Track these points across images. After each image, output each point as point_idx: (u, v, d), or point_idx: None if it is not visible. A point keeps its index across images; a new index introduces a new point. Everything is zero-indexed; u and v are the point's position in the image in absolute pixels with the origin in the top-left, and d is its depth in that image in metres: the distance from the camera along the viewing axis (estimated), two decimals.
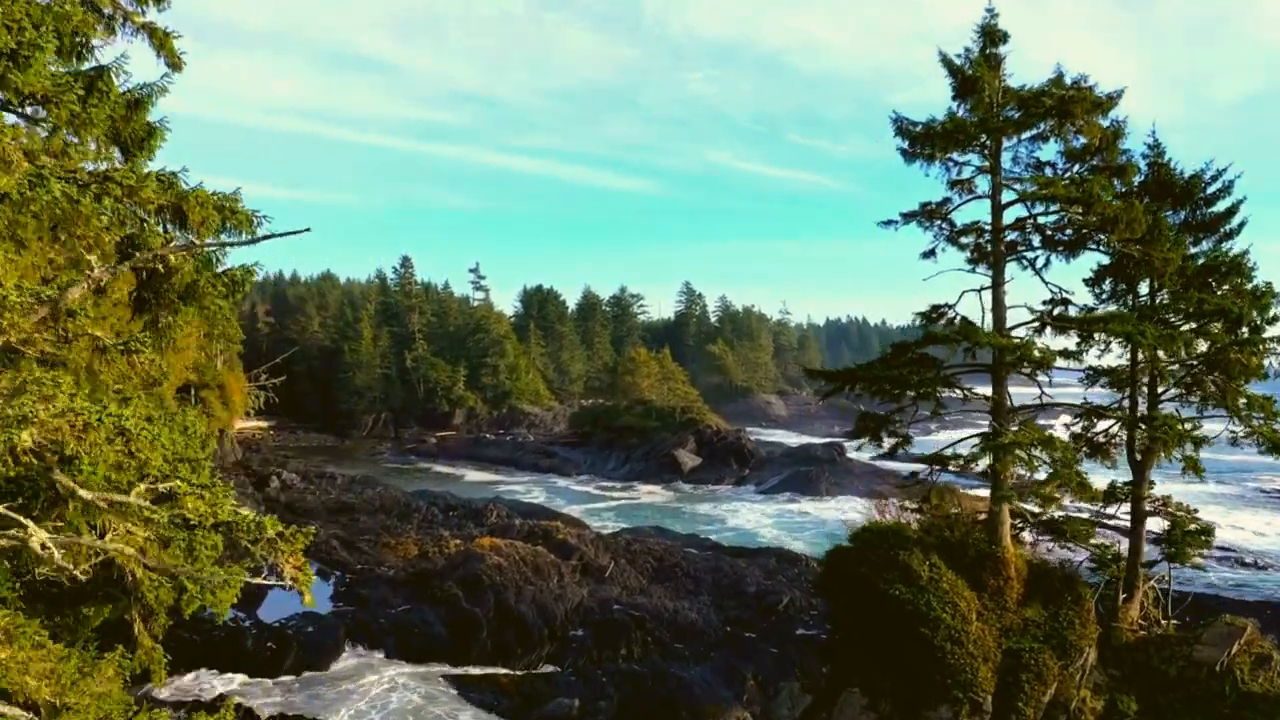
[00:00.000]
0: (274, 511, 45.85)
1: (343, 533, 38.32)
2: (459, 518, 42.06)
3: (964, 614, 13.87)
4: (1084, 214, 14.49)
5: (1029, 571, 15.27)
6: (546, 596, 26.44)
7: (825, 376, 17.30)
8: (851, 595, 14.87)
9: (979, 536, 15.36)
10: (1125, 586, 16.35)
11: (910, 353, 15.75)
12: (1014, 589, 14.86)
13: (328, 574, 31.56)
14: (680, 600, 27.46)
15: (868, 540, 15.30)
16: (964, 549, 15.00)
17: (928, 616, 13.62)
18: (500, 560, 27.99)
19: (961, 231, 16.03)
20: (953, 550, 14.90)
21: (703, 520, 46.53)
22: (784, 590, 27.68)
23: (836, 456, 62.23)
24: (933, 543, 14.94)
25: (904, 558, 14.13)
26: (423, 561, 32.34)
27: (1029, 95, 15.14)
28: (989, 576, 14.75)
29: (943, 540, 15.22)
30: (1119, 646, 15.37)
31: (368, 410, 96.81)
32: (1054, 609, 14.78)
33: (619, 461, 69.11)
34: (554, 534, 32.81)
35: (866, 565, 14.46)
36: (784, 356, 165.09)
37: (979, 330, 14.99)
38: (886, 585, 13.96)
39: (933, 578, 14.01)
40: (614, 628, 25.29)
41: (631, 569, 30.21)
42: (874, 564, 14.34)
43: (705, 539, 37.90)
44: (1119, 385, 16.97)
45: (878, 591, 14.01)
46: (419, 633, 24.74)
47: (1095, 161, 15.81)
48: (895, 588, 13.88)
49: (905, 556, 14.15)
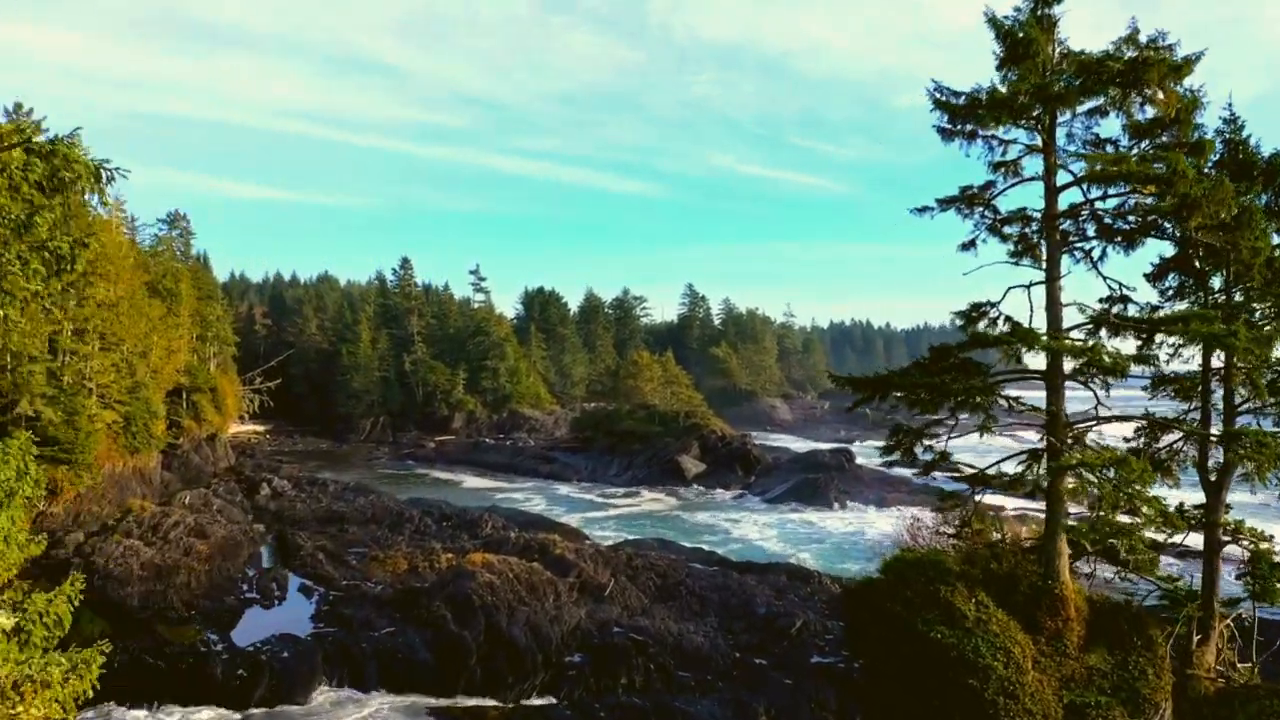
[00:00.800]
0: (262, 521, 44.28)
1: (330, 544, 36.56)
2: (453, 528, 40.26)
3: (1018, 662, 12.02)
4: (1160, 196, 12.62)
5: (1090, 610, 13.37)
6: (541, 618, 24.58)
7: (854, 384, 15.32)
8: (883, 636, 12.99)
9: (1031, 569, 13.47)
10: (1200, 626, 14.36)
11: (952, 357, 13.86)
12: (1074, 631, 12.99)
13: (311, 591, 29.81)
14: (685, 622, 25.59)
15: (901, 572, 13.40)
16: (1014, 584, 13.12)
17: (976, 665, 11.77)
18: (492, 578, 26.16)
19: (1006, 219, 14.17)
20: (1001, 585, 13.03)
21: (707, 531, 44.66)
22: (796, 612, 25.78)
23: (845, 463, 60.29)
24: (977, 576, 13.07)
25: (945, 594, 12.29)
26: (412, 577, 30.57)
27: (1091, 60, 13.25)
28: (1045, 617, 12.87)
29: (989, 573, 13.34)
30: (1197, 699, 13.42)
31: (366, 414, 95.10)
32: (1121, 655, 12.88)
33: (621, 467, 67.26)
34: (551, 548, 30.96)
35: (901, 602, 12.59)
36: (788, 360, 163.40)
37: (1035, 333, 13.10)
38: (926, 627, 12.11)
39: (980, 618, 12.17)
40: (614, 653, 23.43)
41: (633, 587, 28.35)
42: (909, 600, 12.49)
43: (711, 553, 36.04)
44: (1185, 394, 15.05)
45: (915, 634, 12.16)
46: (403, 659, 22.91)
47: (1165, 138, 13.93)
48: (936, 630, 12.03)
49: (947, 592, 12.30)
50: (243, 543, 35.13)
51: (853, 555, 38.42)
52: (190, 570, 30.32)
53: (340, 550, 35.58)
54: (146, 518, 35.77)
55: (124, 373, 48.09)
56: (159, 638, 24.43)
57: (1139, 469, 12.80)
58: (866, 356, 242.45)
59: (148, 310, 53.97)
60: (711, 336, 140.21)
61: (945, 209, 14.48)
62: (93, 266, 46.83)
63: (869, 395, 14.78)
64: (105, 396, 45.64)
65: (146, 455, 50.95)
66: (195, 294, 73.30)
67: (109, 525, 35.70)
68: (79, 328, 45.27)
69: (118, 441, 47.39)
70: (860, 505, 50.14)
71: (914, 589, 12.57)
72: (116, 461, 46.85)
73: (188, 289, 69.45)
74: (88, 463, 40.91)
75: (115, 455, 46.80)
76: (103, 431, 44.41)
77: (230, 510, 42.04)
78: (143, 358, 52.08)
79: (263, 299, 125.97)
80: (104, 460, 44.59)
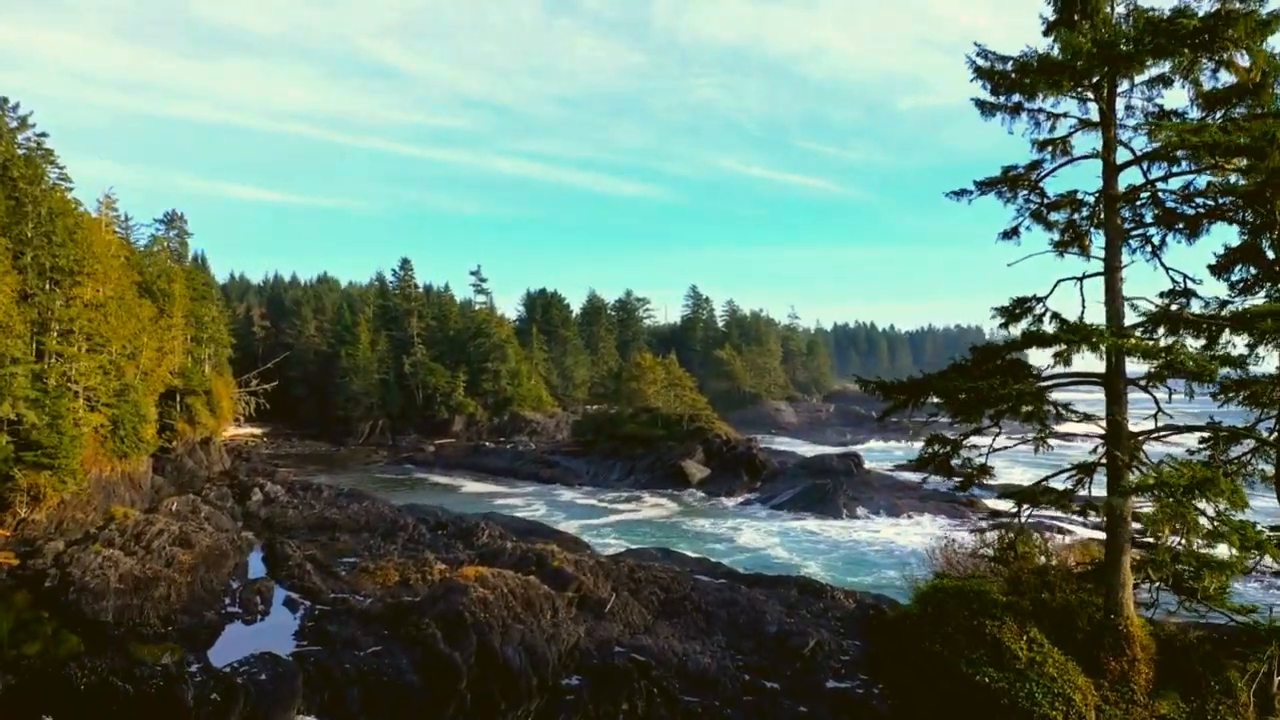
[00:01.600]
0: (252, 528, 42.84)
1: (320, 554, 35.18)
2: (448, 537, 38.80)
3: (1080, 711, 10.49)
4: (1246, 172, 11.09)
5: (1157, 648, 11.78)
6: (537, 637, 23.07)
7: (885, 389, 13.61)
8: (918, 677, 11.42)
9: (1089, 599, 11.88)
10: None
11: (1000, 358, 12.27)
12: (1141, 674, 11.43)
13: (296, 605, 28.34)
14: (691, 641, 24.06)
15: (940, 603, 11.83)
16: (1070, 618, 11.57)
17: (1031, 714, 10.23)
18: (486, 593, 24.68)
19: (1054, 204, 12.59)
20: (1056, 619, 11.49)
21: (712, 539, 43.14)
22: (809, 630, 24.21)
23: (854, 468, 58.70)
24: (1027, 608, 11.53)
25: (992, 629, 10.77)
26: (403, 590, 29.12)
27: (1160, 18, 11.68)
28: (1109, 657, 11.32)
29: (1040, 604, 11.78)
30: None
31: (364, 417, 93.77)
32: (1197, 702, 11.34)
33: (623, 472, 65.77)
34: (549, 559, 29.45)
35: (940, 639, 11.05)
36: (792, 362, 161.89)
37: (1101, 331, 11.52)
38: (972, 669, 10.58)
39: (1034, 659, 10.65)
40: (614, 676, 21.89)
41: (635, 602, 26.83)
42: (950, 637, 10.95)
43: (717, 564, 34.52)
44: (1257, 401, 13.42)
45: (957, 675, 10.63)
46: (389, 682, 21.41)
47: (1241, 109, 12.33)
48: (983, 672, 10.51)
49: (994, 628, 10.78)
50: (229, 552, 33.67)
51: (865, 565, 36.89)
52: (171, 582, 28.84)
53: (330, 560, 34.17)
54: (129, 526, 34.28)
55: (112, 375, 46.72)
56: (131, 657, 22.96)
57: (1227, 489, 11.15)
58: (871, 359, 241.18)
59: (138, 311, 52.60)
60: (715, 339, 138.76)
61: (985, 192, 12.90)
62: (79, 266, 45.56)
63: (902, 402, 13.15)
64: (92, 399, 44.30)
65: (136, 460, 49.56)
66: (189, 294, 71.93)
67: (91, 534, 34.25)
68: (65, 329, 43.95)
69: (105, 446, 46.02)
70: (870, 512, 48.58)
71: (955, 622, 11.00)
72: (104, 466, 45.47)
73: (181, 289, 68.10)
74: (72, 468, 39.54)
75: (102, 460, 45.44)
76: (89, 435, 43.04)
77: (219, 517, 40.59)
78: (132, 359, 50.71)
79: (262, 300, 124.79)
80: (90, 465, 43.21)
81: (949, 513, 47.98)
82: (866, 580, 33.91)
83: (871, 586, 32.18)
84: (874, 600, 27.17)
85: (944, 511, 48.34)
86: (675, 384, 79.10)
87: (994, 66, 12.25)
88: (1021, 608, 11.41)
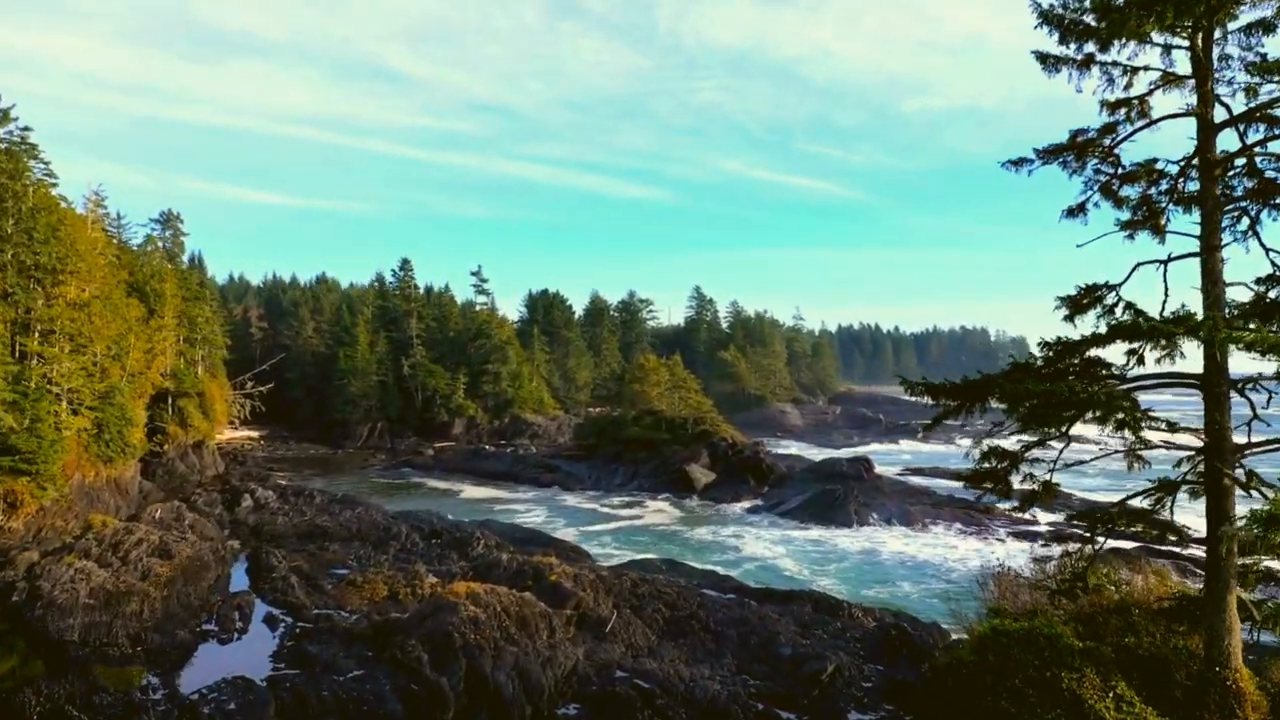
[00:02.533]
0: (239, 536, 40.99)
1: (307, 565, 33.41)
2: (442, 546, 37.02)
3: None
4: None
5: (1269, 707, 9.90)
6: (531, 660, 21.25)
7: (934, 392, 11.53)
8: None
9: (1184, 646, 10.01)
10: None
11: (1078, 355, 10.39)
12: None
13: (277, 622, 26.56)
14: (698, 665, 22.23)
15: (1003, 648, 9.96)
16: (1163, 669, 9.69)
17: None
18: (477, 611, 22.88)
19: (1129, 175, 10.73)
20: (1145, 671, 9.64)
21: (718, 548, 41.29)
22: (827, 653, 22.38)
23: (864, 473, 56.77)
24: (1109, 656, 9.69)
25: (1069, 683, 8.94)
26: (391, 606, 27.35)
27: None
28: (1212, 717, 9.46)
29: (1124, 651, 9.93)
30: None
31: (363, 419, 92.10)
32: None
33: (626, 476, 63.94)
34: (546, 573, 27.62)
35: (1004, 692, 9.21)
36: (797, 363, 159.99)
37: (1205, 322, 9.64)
38: None
39: None
40: (615, 704, 20.09)
41: (638, 620, 25.01)
42: (1019, 692, 9.12)
43: (725, 576, 32.67)
44: None
45: None
46: (369, 711, 19.62)
47: None
48: None
49: (1071, 681, 8.95)
50: (210, 563, 31.90)
51: (880, 577, 34.99)
52: (145, 597, 27.06)
53: (317, 572, 32.41)
54: (107, 535, 32.51)
55: (96, 377, 45.09)
56: (92, 682, 21.18)
57: None
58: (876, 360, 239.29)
59: (125, 311, 50.97)
60: (719, 340, 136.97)
61: (1048, 161, 11.02)
62: (62, 264, 43.94)
63: (955, 408, 11.21)
64: (74, 402, 42.64)
65: (122, 464, 47.89)
66: (183, 294, 70.30)
67: (66, 544, 32.50)
68: (46, 329, 42.33)
69: (89, 450, 44.36)
70: (882, 520, 46.69)
71: (1020, 671, 9.16)
72: (87, 472, 43.79)
73: (173, 289, 66.48)
74: (52, 473, 37.90)
75: (86, 465, 43.75)
76: (71, 439, 41.38)
77: (204, 525, 38.87)
78: (117, 361, 49.03)
79: (260, 302, 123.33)
80: (72, 470, 41.55)
81: (964, 520, 46.08)
82: (884, 595, 32.01)
83: (889, 601, 30.30)
84: (894, 619, 25.27)
85: (959, 519, 46.45)
86: (679, 386, 77.34)
87: (1061, 12, 10.35)
88: (1102, 655, 9.56)
